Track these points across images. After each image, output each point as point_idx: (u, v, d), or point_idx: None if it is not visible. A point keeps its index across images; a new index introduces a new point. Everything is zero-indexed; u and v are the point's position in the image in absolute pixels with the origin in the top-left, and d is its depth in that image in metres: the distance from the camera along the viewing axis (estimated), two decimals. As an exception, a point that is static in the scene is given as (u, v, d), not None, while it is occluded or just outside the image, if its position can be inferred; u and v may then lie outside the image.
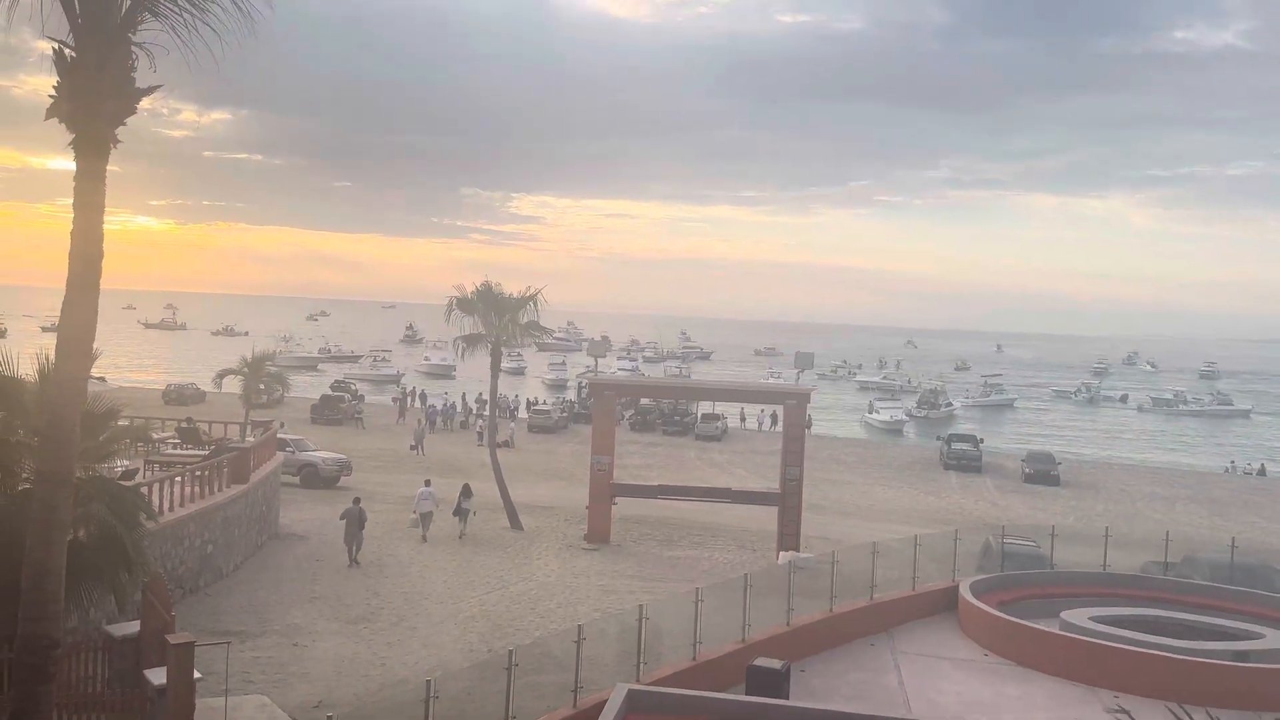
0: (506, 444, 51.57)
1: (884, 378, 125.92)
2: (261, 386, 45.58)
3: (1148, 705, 14.81)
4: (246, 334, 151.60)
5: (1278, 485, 57.46)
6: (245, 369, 44.57)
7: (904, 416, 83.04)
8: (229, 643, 16.62)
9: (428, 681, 11.79)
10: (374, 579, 25.20)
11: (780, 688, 14.64)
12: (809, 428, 69.01)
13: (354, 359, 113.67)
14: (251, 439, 33.30)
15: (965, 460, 54.65)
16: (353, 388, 73.75)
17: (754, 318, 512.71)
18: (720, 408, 66.67)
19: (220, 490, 24.62)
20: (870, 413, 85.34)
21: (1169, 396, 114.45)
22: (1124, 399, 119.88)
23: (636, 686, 13.46)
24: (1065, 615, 19.20)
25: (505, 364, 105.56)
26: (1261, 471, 63.12)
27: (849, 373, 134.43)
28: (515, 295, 34.06)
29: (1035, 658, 17.78)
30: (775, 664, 15.06)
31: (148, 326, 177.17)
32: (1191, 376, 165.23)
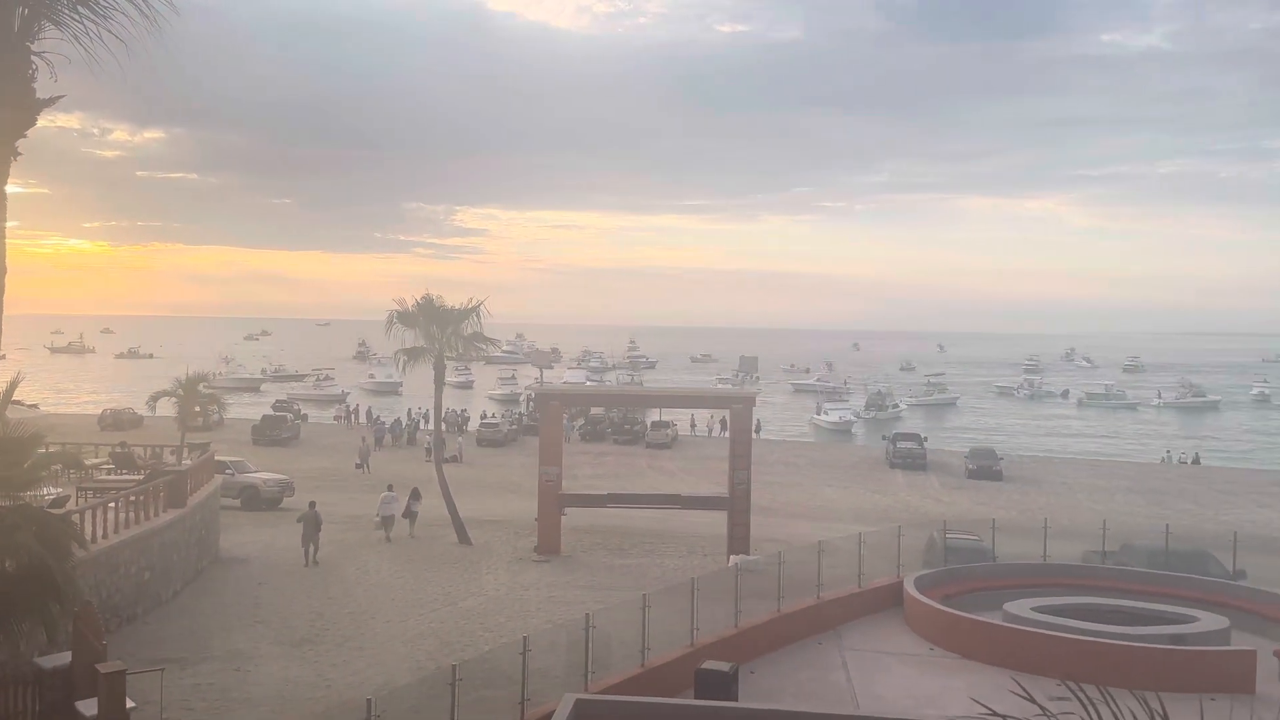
0: (454, 459, 51.23)
1: (818, 380, 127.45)
2: (197, 409, 44.60)
3: (1089, 692, 15.12)
4: (151, 356, 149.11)
5: (1211, 474, 59.14)
6: (179, 391, 43.56)
7: (852, 417, 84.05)
8: (163, 669, 16.18)
9: (368, 700, 11.60)
10: (319, 600, 24.75)
11: (729, 689, 14.67)
12: (758, 432, 69.84)
13: (298, 379, 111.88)
14: (188, 462, 32.54)
15: (910, 459, 55.47)
16: (295, 408, 72.58)
17: (703, 325, 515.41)
18: (670, 415, 67.11)
19: (156, 515, 23.98)
20: (819, 414, 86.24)
21: (1101, 391, 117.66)
22: (1065, 394, 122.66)
23: (584, 696, 13.39)
24: (1008, 607, 19.57)
25: (453, 378, 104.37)
26: (1195, 460, 64.97)
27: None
28: (457, 307, 33.82)
29: (979, 649, 18.05)
30: (723, 666, 15.09)
31: (54, 351, 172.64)
32: (1117, 371, 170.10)
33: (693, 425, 72.26)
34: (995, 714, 4.40)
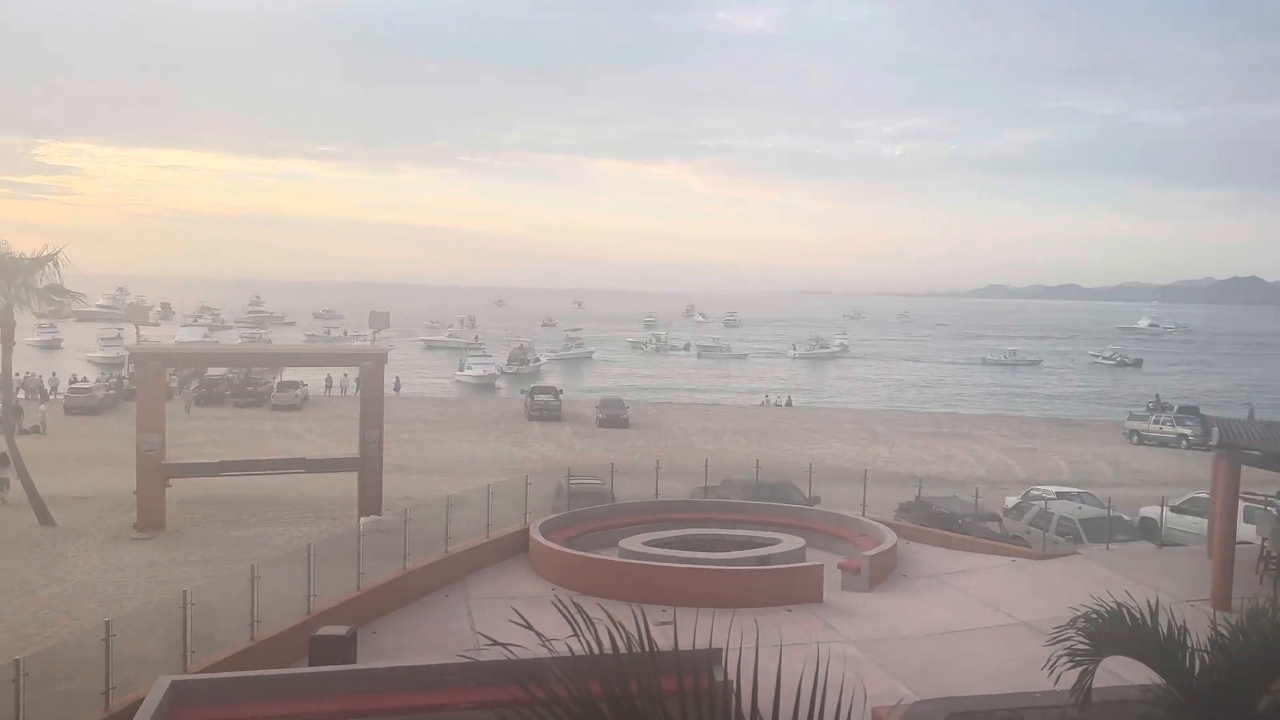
0: (36, 429, 44.91)
1: (449, 336, 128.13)
2: None
3: (694, 614, 16.61)
4: None
5: (800, 414, 67.42)
6: None
7: (495, 372, 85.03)
8: None
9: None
10: None
11: (346, 653, 14.26)
12: (398, 389, 68.42)
13: None
14: None
15: (547, 411, 57.38)
16: None
17: (345, 279, 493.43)
18: (301, 374, 63.71)
19: None
20: (461, 370, 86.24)
21: (713, 343, 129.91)
22: (687, 348, 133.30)
23: (180, 677, 12.32)
24: (622, 543, 20.91)
25: (33, 338, 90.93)
26: (789, 403, 73.75)
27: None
28: (29, 256, 29.27)
29: (597, 585, 19.08)
30: (340, 630, 14.64)
31: None
32: (719, 326, 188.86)
33: (328, 384, 69.12)
34: (496, 642, 4.62)
